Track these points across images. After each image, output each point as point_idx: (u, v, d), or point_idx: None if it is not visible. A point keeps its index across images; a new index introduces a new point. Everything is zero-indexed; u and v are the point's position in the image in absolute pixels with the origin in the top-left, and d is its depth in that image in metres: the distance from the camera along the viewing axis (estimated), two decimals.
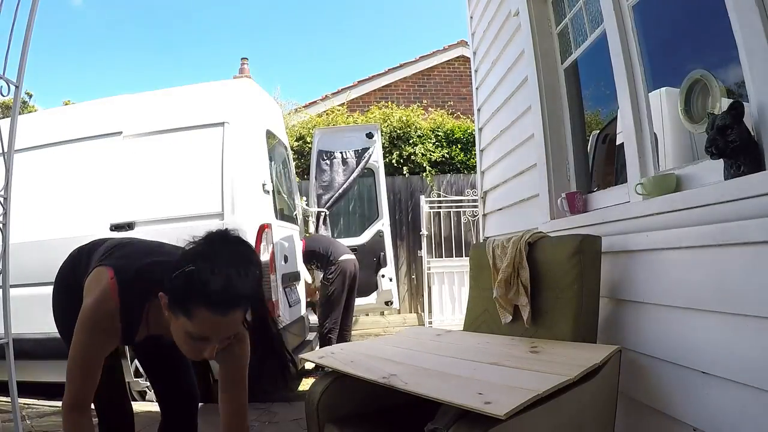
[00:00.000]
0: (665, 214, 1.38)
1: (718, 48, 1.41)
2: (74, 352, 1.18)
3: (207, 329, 1.05)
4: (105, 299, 1.18)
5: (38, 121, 3.73)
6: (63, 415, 1.18)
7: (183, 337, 1.09)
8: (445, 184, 6.08)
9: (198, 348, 1.09)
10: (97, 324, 1.17)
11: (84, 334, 1.17)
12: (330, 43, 27.68)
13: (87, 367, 1.18)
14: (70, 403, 1.17)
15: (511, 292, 1.71)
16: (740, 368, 1.11)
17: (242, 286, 1.05)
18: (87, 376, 1.18)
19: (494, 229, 3.16)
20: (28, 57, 1.97)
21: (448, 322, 5.35)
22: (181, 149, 3.24)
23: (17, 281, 2.45)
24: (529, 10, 2.34)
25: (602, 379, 1.39)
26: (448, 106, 8.15)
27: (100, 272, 1.24)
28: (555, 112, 2.26)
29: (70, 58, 26.90)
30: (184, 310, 1.05)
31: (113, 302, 1.18)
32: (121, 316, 1.19)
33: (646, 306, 1.45)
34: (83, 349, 1.17)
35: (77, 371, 1.17)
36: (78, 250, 1.56)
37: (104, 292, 1.18)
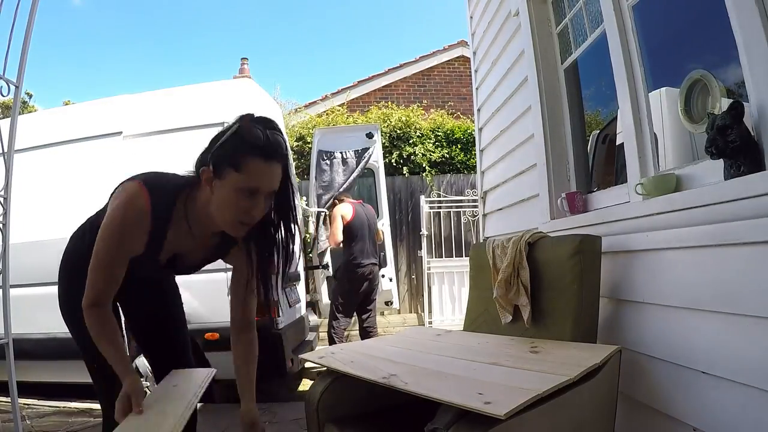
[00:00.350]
0: (665, 214, 1.38)
1: (718, 48, 1.41)
2: (98, 253, 1.19)
3: (256, 178, 1.13)
4: (135, 196, 1.19)
5: (38, 121, 3.74)
6: (84, 312, 1.20)
7: (233, 197, 1.14)
8: (445, 184, 6.08)
9: (246, 206, 1.15)
10: (126, 221, 1.18)
11: (111, 232, 1.18)
12: (330, 43, 27.70)
13: (110, 268, 1.20)
14: (91, 302, 1.19)
15: (511, 292, 1.71)
16: (740, 368, 1.11)
17: (281, 142, 1.17)
18: (109, 277, 1.20)
19: (494, 229, 3.16)
20: (28, 57, 1.97)
21: (448, 322, 5.34)
22: (181, 149, 3.22)
23: (17, 281, 2.45)
24: (529, 10, 2.34)
25: (602, 379, 1.39)
26: (448, 106, 8.15)
27: (125, 185, 1.25)
28: (555, 112, 2.26)
29: (71, 58, 26.91)
30: (234, 165, 1.12)
31: (143, 199, 1.19)
32: (151, 215, 1.19)
33: (646, 306, 1.45)
34: (108, 248, 1.19)
35: (100, 272, 1.19)
36: (81, 226, 1.55)
37: (134, 192, 1.19)
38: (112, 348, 1.20)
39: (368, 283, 3.79)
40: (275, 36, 30.07)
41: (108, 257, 1.20)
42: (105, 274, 1.20)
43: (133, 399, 1.12)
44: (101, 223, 1.24)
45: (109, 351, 1.20)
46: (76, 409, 3.06)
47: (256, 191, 1.15)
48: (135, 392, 1.13)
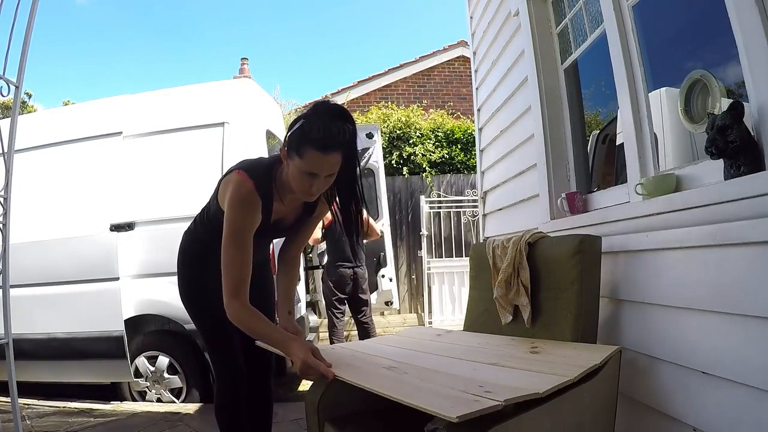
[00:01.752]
0: (665, 214, 1.38)
1: (718, 48, 1.41)
2: (229, 234, 1.39)
3: (313, 165, 1.34)
4: (242, 183, 1.42)
5: (38, 121, 3.74)
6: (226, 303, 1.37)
7: (298, 175, 1.37)
8: (445, 184, 6.08)
9: (308, 183, 1.37)
10: (244, 200, 1.41)
11: (235, 212, 1.41)
12: (330, 43, 27.68)
13: (243, 245, 1.40)
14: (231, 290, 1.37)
15: (511, 292, 1.71)
16: (740, 368, 1.11)
17: (337, 134, 1.32)
18: (244, 255, 1.39)
19: (494, 229, 3.16)
20: (28, 57, 1.97)
21: (448, 322, 5.34)
22: (181, 149, 3.24)
23: (17, 281, 2.45)
24: (529, 10, 2.34)
25: (602, 379, 1.39)
26: (448, 107, 8.15)
27: (227, 178, 1.49)
28: (555, 112, 2.26)
29: (70, 58, 26.91)
30: (297, 152, 1.34)
31: (248, 183, 1.42)
32: (258, 190, 1.43)
33: (646, 306, 1.45)
34: (237, 226, 1.40)
35: (235, 251, 1.39)
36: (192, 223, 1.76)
37: (238, 180, 1.43)
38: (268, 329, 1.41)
39: (352, 285, 3.75)
40: (275, 36, 30.07)
41: (238, 230, 1.40)
42: (240, 251, 1.39)
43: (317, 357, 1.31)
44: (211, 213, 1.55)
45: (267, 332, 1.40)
46: (76, 409, 3.06)
47: (315, 175, 1.36)
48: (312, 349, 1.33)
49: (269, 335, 1.40)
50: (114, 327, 2.96)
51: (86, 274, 3.06)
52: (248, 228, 1.42)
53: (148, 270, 3.03)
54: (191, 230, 1.74)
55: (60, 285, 3.12)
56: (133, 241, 3.10)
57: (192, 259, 1.70)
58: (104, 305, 3.00)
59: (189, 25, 30.36)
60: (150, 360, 3.18)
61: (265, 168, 1.49)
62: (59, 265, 3.14)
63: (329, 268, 3.80)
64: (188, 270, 1.71)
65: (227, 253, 1.39)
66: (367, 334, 3.79)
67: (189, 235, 1.74)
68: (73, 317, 3.05)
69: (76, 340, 3.04)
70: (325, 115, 1.34)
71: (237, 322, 1.38)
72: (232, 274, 1.38)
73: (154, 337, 3.18)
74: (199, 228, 1.67)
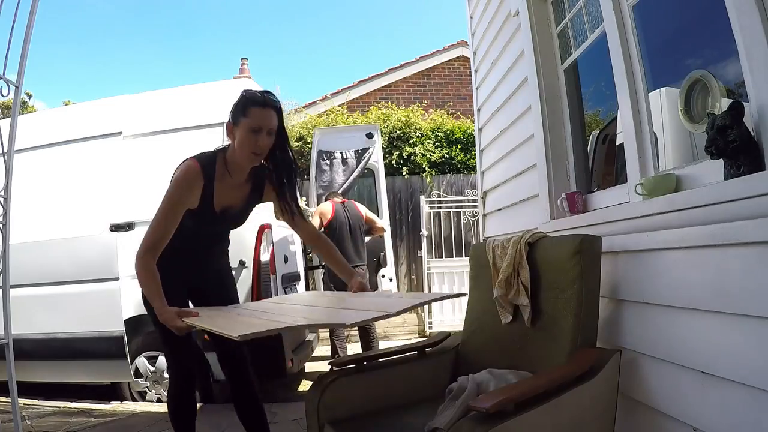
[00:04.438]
0: (665, 214, 1.38)
1: (718, 48, 1.41)
2: (164, 204, 1.61)
3: (257, 119, 1.60)
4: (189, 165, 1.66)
5: (38, 121, 3.74)
6: (138, 256, 1.58)
7: (244, 136, 1.61)
8: (445, 184, 6.08)
9: (254, 140, 1.61)
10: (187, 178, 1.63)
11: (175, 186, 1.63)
12: (330, 43, 27.69)
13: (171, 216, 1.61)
14: (148, 246, 1.58)
15: (511, 293, 1.71)
16: (740, 368, 1.11)
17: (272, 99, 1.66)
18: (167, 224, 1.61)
19: (494, 229, 3.16)
20: (28, 57, 1.97)
21: (448, 322, 5.35)
22: (181, 149, 3.22)
23: (17, 281, 2.45)
24: (529, 10, 2.34)
25: (602, 379, 1.39)
26: (448, 107, 8.15)
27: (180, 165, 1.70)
28: (555, 112, 2.26)
29: (70, 58, 26.90)
30: (243, 113, 1.61)
31: (196, 165, 1.66)
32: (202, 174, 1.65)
33: (646, 306, 1.45)
34: (173, 200, 1.62)
35: (162, 219, 1.61)
36: None
37: (187, 164, 1.67)
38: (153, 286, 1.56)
39: None
40: (275, 36, 30.05)
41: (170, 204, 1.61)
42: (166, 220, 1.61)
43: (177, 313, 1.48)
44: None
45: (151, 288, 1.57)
46: (76, 409, 3.06)
47: (259, 129, 1.61)
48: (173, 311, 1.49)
49: (150, 293, 1.57)
50: (114, 327, 2.96)
51: (86, 274, 3.06)
52: (181, 203, 1.63)
53: None
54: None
55: (60, 285, 3.12)
56: (133, 241, 3.09)
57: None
58: (104, 305, 3.00)
59: (189, 25, 30.37)
60: (150, 360, 3.18)
61: (212, 153, 1.73)
62: (59, 265, 3.14)
63: (327, 268, 3.80)
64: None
65: (156, 218, 1.61)
66: (368, 334, 3.78)
67: None
68: (73, 317, 3.05)
69: (76, 340, 3.04)
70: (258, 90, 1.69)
71: (139, 269, 1.58)
72: (154, 235, 1.59)
73: (154, 337, 3.18)
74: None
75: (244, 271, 3.00)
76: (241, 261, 3.01)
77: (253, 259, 3.01)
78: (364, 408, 1.69)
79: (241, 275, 3.01)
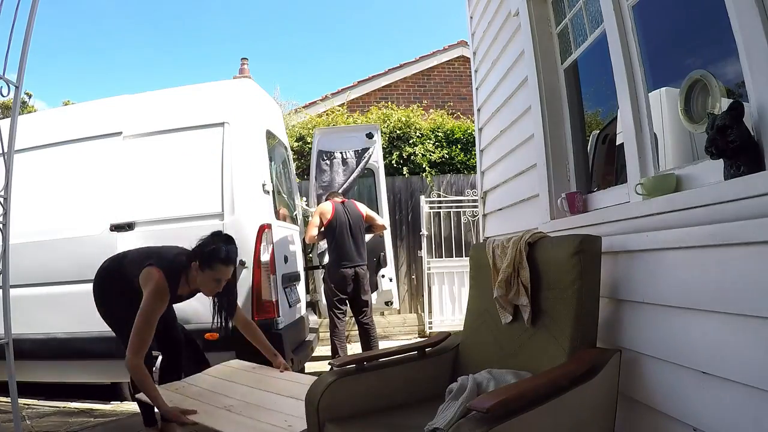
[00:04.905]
0: (665, 214, 1.38)
1: (718, 48, 1.41)
2: (144, 315, 2.02)
3: (221, 274, 2.17)
4: (160, 283, 2.10)
5: (38, 122, 3.73)
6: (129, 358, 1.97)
7: (208, 281, 2.17)
8: (445, 184, 6.08)
9: (215, 285, 2.18)
10: (159, 296, 2.09)
11: (152, 302, 2.06)
12: (330, 44, 27.66)
13: (151, 324, 2.04)
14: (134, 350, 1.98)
15: (511, 292, 1.71)
16: (740, 368, 1.11)
17: (234, 256, 2.23)
18: (148, 331, 2.02)
19: (494, 229, 3.16)
20: (28, 57, 1.97)
21: (448, 322, 5.35)
22: (181, 149, 3.24)
23: (17, 281, 2.45)
24: (529, 10, 2.34)
25: (602, 379, 1.39)
26: (448, 107, 8.15)
27: (149, 271, 2.14)
28: (555, 112, 2.26)
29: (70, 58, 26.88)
30: (210, 267, 2.15)
31: (164, 282, 2.12)
32: (170, 288, 2.14)
33: (646, 306, 1.45)
34: (150, 312, 2.05)
35: (145, 327, 2.02)
36: (116, 259, 2.47)
37: (158, 281, 2.10)
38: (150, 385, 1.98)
39: (353, 285, 3.71)
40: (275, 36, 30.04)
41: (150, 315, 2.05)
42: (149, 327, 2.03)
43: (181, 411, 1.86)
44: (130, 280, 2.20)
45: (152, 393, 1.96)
46: (76, 409, 3.06)
47: (220, 280, 2.19)
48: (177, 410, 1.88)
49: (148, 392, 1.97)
50: None
51: (86, 274, 3.04)
52: (157, 311, 2.08)
53: None
54: (117, 260, 2.43)
55: (60, 285, 3.12)
56: (133, 241, 3.10)
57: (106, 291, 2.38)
58: None
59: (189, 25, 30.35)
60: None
61: (177, 271, 2.19)
62: (59, 265, 3.14)
63: (330, 268, 3.79)
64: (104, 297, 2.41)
65: (139, 325, 2.00)
66: (368, 334, 3.78)
67: (115, 264, 2.41)
68: (73, 317, 3.05)
69: (76, 340, 3.04)
70: (224, 241, 2.19)
71: (133, 373, 1.99)
72: (138, 342, 1.99)
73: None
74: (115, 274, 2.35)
75: (244, 271, 3.00)
76: (241, 261, 3.00)
77: (253, 259, 3.01)
78: (365, 408, 1.69)
79: (241, 275, 3.01)
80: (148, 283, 2.09)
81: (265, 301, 3.01)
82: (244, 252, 3.02)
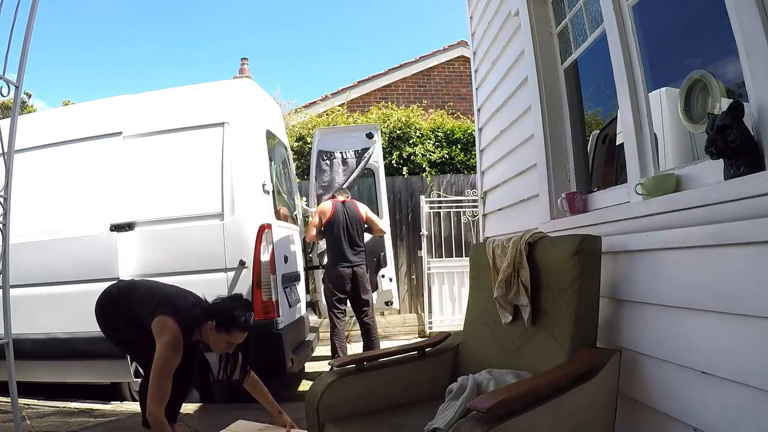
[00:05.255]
0: (665, 214, 1.38)
1: (717, 48, 1.41)
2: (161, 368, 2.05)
3: (236, 338, 2.17)
4: (176, 336, 2.12)
5: (38, 122, 3.73)
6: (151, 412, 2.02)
7: (222, 342, 2.17)
8: (445, 184, 6.07)
9: (227, 346, 2.18)
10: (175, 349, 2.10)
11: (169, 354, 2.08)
12: (330, 44, 27.65)
13: (169, 375, 2.07)
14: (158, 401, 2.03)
15: (511, 292, 1.71)
16: (740, 368, 1.11)
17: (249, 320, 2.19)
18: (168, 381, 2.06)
19: (494, 229, 3.16)
20: (28, 57, 1.97)
21: (448, 322, 5.34)
22: (181, 149, 3.24)
23: (17, 281, 2.45)
24: (529, 10, 2.34)
25: (602, 379, 1.39)
26: (448, 107, 8.14)
27: (163, 320, 2.15)
28: (555, 112, 2.26)
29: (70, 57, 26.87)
30: (227, 331, 2.14)
31: (179, 335, 2.13)
32: (184, 340, 2.15)
33: (646, 306, 1.45)
34: (168, 365, 2.07)
35: (164, 378, 2.05)
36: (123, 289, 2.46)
37: (175, 334, 2.12)
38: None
39: (351, 284, 3.71)
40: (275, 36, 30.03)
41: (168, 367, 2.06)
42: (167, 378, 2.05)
43: None
44: (142, 322, 2.22)
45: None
46: (76, 409, 3.06)
47: (234, 344, 2.19)
48: None
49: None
50: None
51: (86, 274, 3.06)
52: (174, 363, 2.09)
53: (148, 270, 3.03)
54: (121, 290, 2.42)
55: (60, 285, 3.12)
56: (133, 241, 3.10)
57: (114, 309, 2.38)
58: None
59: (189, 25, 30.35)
60: None
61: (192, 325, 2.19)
62: (59, 265, 3.14)
63: (328, 268, 3.79)
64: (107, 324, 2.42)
65: (157, 376, 2.04)
66: (369, 334, 3.78)
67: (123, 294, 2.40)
68: (73, 317, 3.05)
69: (76, 340, 3.04)
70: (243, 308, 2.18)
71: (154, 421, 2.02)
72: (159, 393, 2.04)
73: None
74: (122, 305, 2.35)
75: (244, 271, 3.00)
76: (241, 261, 3.01)
77: (253, 259, 3.01)
78: (365, 408, 1.69)
79: (241, 275, 3.01)
80: (163, 334, 2.10)
81: (265, 301, 3.01)
82: (244, 252, 3.02)
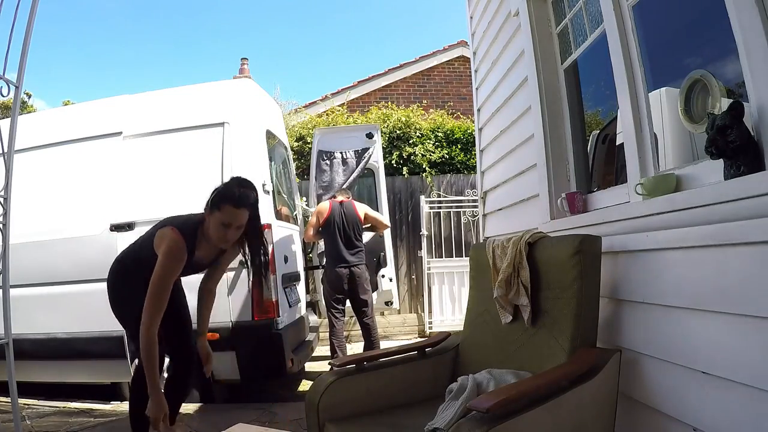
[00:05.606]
0: (665, 214, 1.38)
1: (718, 48, 1.41)
2: (159, 277, 1.82)
3: (229, 217, 1.87)
4: (175, 241, 1.88)
5: (38, 121, 3.73)
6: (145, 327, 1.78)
7: (216, 226, 1.88)
8: (445, 184, 6.08)
9: (224, 233, 1.89)
10: (175, 254, 1.87)
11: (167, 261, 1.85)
12: (330, 44, 27.65)
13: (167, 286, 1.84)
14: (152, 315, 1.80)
15: (511, 292, 1.71)
16: (740, 368, 1.11)
17: (246, 197, 1.89)
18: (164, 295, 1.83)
19: (494, 229, 3.16)
20: (28, 57, 1.97)
21: (448, 322, 5.34)
22: (181, 149, 3.24)
23: (17, 281, 2.45)
24: (529, 10, 2.34)
25: (602, 379, 1.39)
26: (448, 107, 8.15)
27: (163, 231, 1.93)
28: (555, 112, 2.26)
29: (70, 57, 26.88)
30: (217, 208, 1.86)
31: (180, 240, 1.89)
32: (187, 245, 1.91)
33: (646, 306, 1.45)
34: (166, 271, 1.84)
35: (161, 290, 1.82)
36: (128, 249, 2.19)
37: (173, 238, 1.88)
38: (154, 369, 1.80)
39: (348, 284, 3.71)
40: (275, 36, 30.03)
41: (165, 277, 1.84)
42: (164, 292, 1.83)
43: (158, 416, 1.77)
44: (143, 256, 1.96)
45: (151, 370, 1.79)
46: (76, 409, 3.06)
47: (229, 224, 1.88)
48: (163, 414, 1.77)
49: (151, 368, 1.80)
50: (114, 327, 2.95)
51: (86, 274, 3.06)
52: (173, 274, 1.89)
53: None
54: (121, 262, 2.15)
55: (60, 285, 3.12)
56: None
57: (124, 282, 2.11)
58: (104, 305, 2.99)
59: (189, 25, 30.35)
60: None
61: (194, 225, 1.95)
62: (59, 265, 3.14)
63: (327, 268, 3.80)
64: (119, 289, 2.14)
65: (154, 288, 1.81)
66: (369, 334, 3.78)
67: (119, 265, 2.15)
68: (73, 317, 3.05)
69: (76, 340, 3.04)
70: (238, 184, 1.92)
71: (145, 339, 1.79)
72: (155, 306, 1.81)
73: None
74: (130, 265, 2.09)
75: (244, 271, 3.00)
76: (241, 261, 3.00)
77: None
78: (365, 408, 1.69)
79: (241, 275, 3.01)
80: (162, 244, 1.89)
81: (265, 301, 3.01)
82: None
